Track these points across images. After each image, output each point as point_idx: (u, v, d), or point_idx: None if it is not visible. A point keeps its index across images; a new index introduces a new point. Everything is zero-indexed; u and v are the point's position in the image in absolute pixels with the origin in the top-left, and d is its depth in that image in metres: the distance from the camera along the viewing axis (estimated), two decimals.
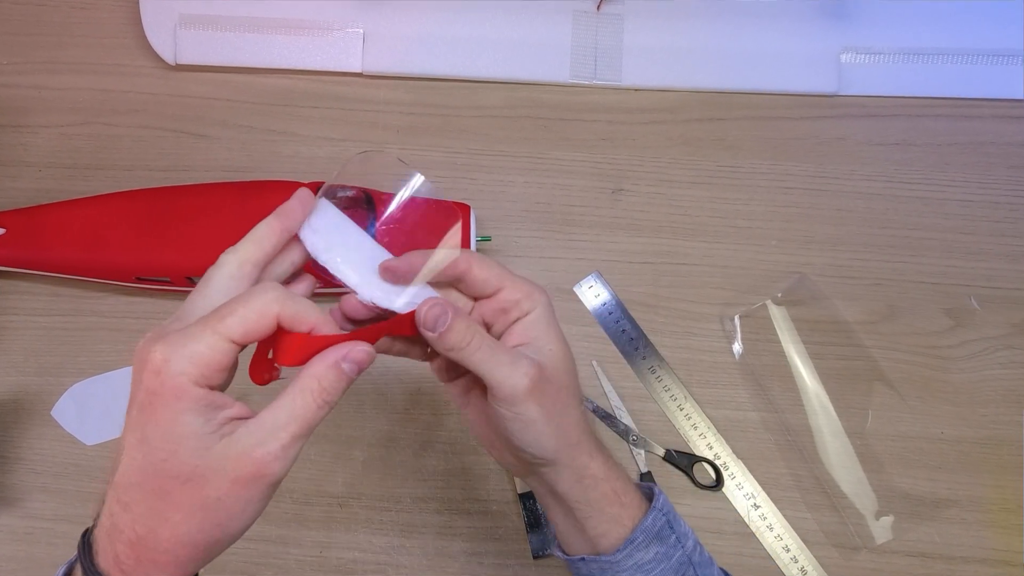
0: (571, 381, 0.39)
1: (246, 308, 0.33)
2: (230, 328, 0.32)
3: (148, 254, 0.59)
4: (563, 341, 0.40)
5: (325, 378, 0.33)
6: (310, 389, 0.33)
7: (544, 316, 0.39)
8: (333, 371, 0.34)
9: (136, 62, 0.70)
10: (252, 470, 0.32)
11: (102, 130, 0.68)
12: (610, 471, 0.40)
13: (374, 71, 0.69)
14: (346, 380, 0.34)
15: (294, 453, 0.33)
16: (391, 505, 0.59)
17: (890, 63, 0.69)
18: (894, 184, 0.67)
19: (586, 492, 0.39)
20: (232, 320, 0.32)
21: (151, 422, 0.32)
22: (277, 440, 0.32)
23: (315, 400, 0.33)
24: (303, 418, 0.33)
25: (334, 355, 0.34)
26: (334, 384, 0.34)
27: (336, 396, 0.34)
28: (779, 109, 0.69)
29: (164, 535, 0.32)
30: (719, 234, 0.65)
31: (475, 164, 0.67)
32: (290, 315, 0.34)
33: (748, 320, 0.63)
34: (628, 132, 0.68)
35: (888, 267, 0.65)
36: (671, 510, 0.41)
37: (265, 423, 0.33)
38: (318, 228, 0.39)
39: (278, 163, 0.67)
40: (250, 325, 0.33)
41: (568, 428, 0.39)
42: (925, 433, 0.61)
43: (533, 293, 0.39)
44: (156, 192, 0.61)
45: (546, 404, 0.37)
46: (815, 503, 0.59)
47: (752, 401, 0.62)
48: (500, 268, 0.39)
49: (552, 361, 0.38)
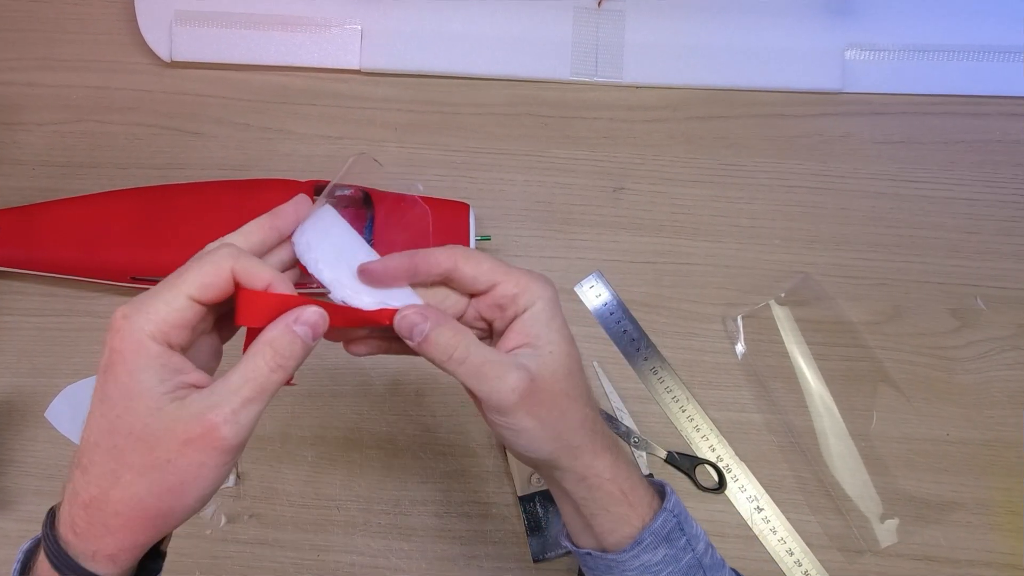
0: (573, 382, 0.38)
1: (200, 263, 0.34)
2: (186, 283, 0.33)
3: (143, 253, 0.59)
4: (566, 339, 0.38)
5: (277, 341, 0.34)
6: (262, 353, 0.33)
7: (545, 312, 0.38)
8: (286, 334, 0.34)
9: (131, 59, 0.70)
10: (201, 431, 0.32)
11: (96, 128, 0.68)
12: (618, 470, 0.39)
13: (372, 68, 0.69)
14: (300, 344, 0.34)
15: (247, 418, 0.33)
16: (389, 508, 0.59)
17: (895, 60, 0.69)
18: (899, 183, 0.67)
19: (590, 492, 0.39)
20: (188, 275, 0.33)
21: (111, 380, 0.32)
22: (228, 403, 0.32)
23: (267, 364, 0.33)
24: (255, 381, 0.33)
25: (286, 319, 0.34)
26: (287, 348, 0.34)
27: (292, 360, 0.34)
28: (782, 106, 0.69)
29: (115, 496, 0.32)
30: (722, 233, 0.65)
31: (474, 162, 0.67)
32: (243, 270, 0.34)
33: (751, 320, 0.63)
34: (629, 130, 0.68)
35: (893, 267, 0.65)
36: (683, 511, 0.41)
37: (218, 388, 0.33)
38: (308, 229, 0.39)
39: (275, 161, 0.67)
40: (206, 279, 0.33)
41: (567, 432, 0.38)
42: (930, 435, 0.61)
43: (531, 286, 0.38)
44: (151, 191, 0.61)
45: (540, 412, 0.36)
46: (819, 506, 0.59)
47: (755, 402, 0.62)
48: (493, 262, 0.38)
49: (551, 364, 0.37)
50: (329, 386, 0.62)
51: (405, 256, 0.38)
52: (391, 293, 0.38)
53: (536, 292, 0.38)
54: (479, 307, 0.39)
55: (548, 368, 0.37)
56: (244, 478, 0.59)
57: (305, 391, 0.61)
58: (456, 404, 0.61)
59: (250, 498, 0.59)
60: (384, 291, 0.38)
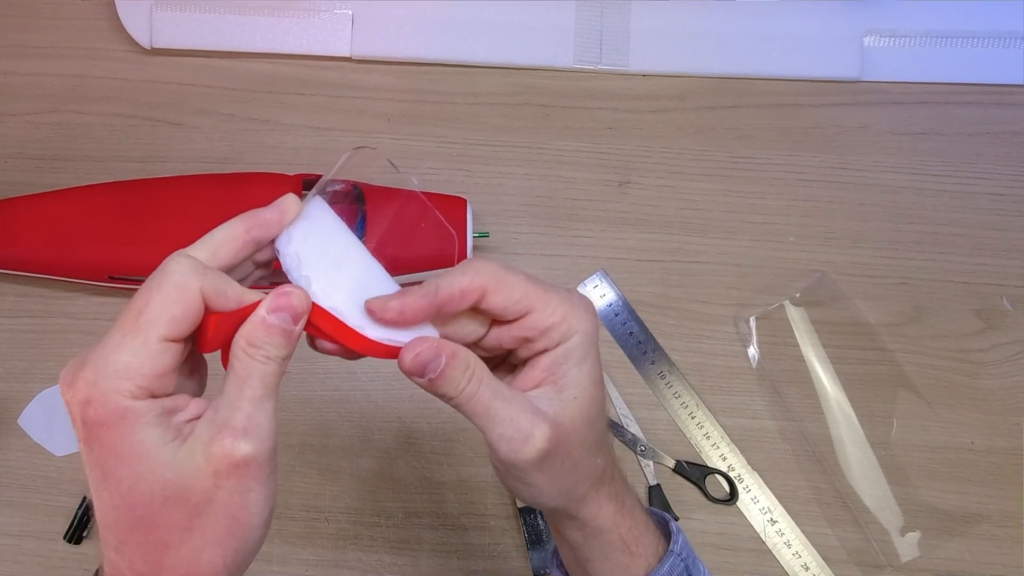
0: (592, 431, 0.36)
1: (162, 293, 0.30)
2: (151, 323, 0.29)
3: (122, 251, 0.59)
4: (595, 382, 0.35)
5: (253, 336, 0.31)
6: (243, 350, 0.31)
7: (579, 349, 0.34)
8: (260, 327, 0.31)
9: (109, 46, 0.69)
10: (226, 456, 0.30)
11: (72, 118, 0.68)
12: (620, 518, 0.38)
13: (363, 55, 0.69)
14: (279, 332, 0.31)
15: (264, 418, 0.31)
16: (382, 520, 0.59)
17: (916, 46, 0.69)
18: (920, 176, 0.67)
19: (588, 539, 0.38)
20: (151, 313, 0.29)
21: (105, 455, 0.30)
22: (238, 412, 0.30)
23: (254, 357, 0.31)
24: (252, 377, 0.31)
25: (257, 312, 0.32)
26: (265, 339, 0.31)
27: (278, 351, 0.31)
28: (797, 96, 0.69)
29: (170, 562, 0.30)
30: (733, 230, 0.65)
31: (472, 155, 0.67)
32: (213, 289, 0.31)
33: (764, 322, 0.62)
34: (635, 121, 0.68)
35: (914, 265, 0.64)
36: (690, 553, 0.40)
37: (220, 405, 0.31)
38: (297, 236, 0.34)
39: (261, 154, 0.67)
40: (174, 311, 0.30)
41: (576, 485, 0.36)
42: (954, 443, 0.60)
43: (569, 319, 0.34)
44: (130, 185, 0.61)
45: (553, 468, 0.34)
46: (836, 518, 0.59)
47: (768, 409, 0.61)
48: (526, 286, 0.34)
49: (572, 412, 0.34)
50: (318, 391, 0.62)
51: (427, 296, 0.33)
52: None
53: (574, 325, 0.34)
54: (501, 336, 0.35)
55: (569, 417, 0.34)
56: None
57: (292, 396, 0.61)
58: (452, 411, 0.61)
59: None
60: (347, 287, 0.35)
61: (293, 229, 0.35)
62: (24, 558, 0.59)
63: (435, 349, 0.33)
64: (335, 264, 0.35)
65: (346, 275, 0.35)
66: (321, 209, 0.36)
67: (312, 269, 0.34)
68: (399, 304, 0.33)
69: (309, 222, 0.35)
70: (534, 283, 0.34)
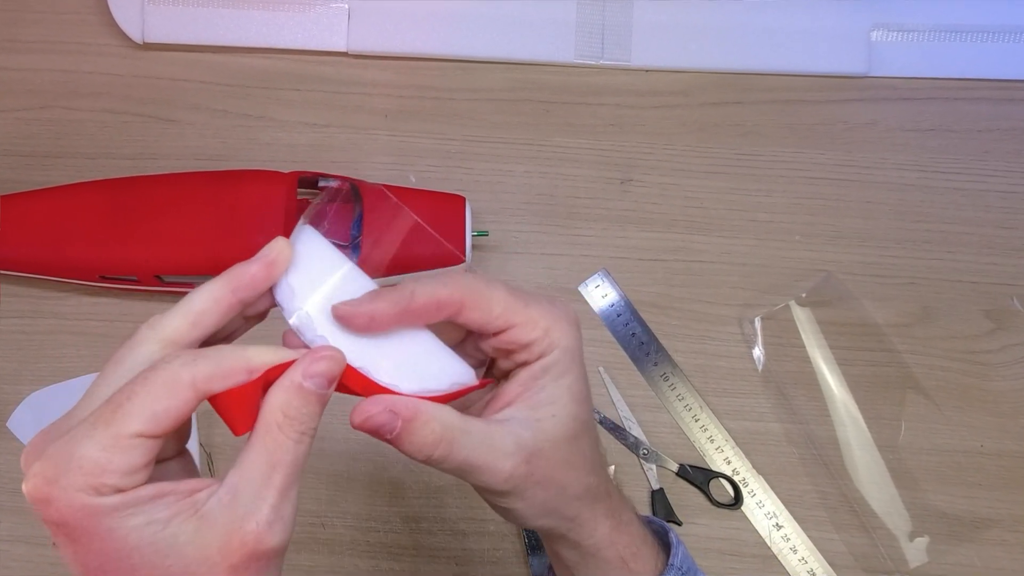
0: (577, 449, 0.34)
1: (147, 386, 0.28)
2: (130, 418, 0.27)
3: (113, 250, 0.59)
4: (576, 398, 0.34)
5: (290, 406, 0.29)
6: (277, 425, 0.29)
7: (559, 364, 0.33)
8: (297, 395, 0.29)
9: (100, 40, 0.69)
10: (248, 551, 0.28)
11: (63, 115, 0.68)
12: (618, 535, 0.37)
13: (360, 50, 0.68)
14: (316, 399, 0.30)
15: (289, 510, 0.29)
16: (378, 525, 0.59)
17: (925, 41, 0.69)
18: (929, 174, 0.67)
19: (584, 559, 0.37)
20: (131, 406, 0.27)
21: (82, 554, 0.27)
22: (264, 502, 0.28)
23: (288, 436, 0.29)
24: (284, 463, 0.29)
25: (289, 377, 0.30)
26: (302, 409, 0.29)
27: (313, 422, 0.30)
28: (803, 92, 0.68)
29: None
30: (737, 229, 0.65)
31: (470, 152, 0.67)
32: (208, 375, 0.28)
33: (770, 323, 0.62)
34: (638, 117, 0.68)
35: (922, 264, 0.64)
36: (691, 566, 0.39)
37: (241, 487, 0.28)
38: (300, 288, 0.32)
39: (255, 151, 0.66)
40: (156, 407, 0.27)
41: (564, 506, 0.35)
42: (963, 446, 0.60)
43: (551, 332, 0.33)
44: (122, 183, 0.61)
45: (535, 493, 0.34)
46: (843, 523, 0.59)
47: (774, 411, 0.61)
48: (507, 300, 0.33)
49: (551, 432, 0.33)
50: None
51: (400, 302, 0.32)
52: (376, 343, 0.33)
53: (555, 339, 0.33)
54: (481, 344, 0.35)
55: (547, 437, 0.33)
56: None
57: None
58: None
59: None
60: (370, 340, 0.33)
61: (292, 278, 0.32)
62: (14, 563, 0.59)
63: (387, 414, 0.31)
64: (331, 296, 0.33)
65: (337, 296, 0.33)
66: (316, 243, 0.34)
67: (328, 328, 0.32)
68: (369, 311, 0.32)
69: (309, 265, 0.33)
70: (515, 296, 0.33)
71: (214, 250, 0.58)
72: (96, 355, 0.62)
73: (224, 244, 0.58)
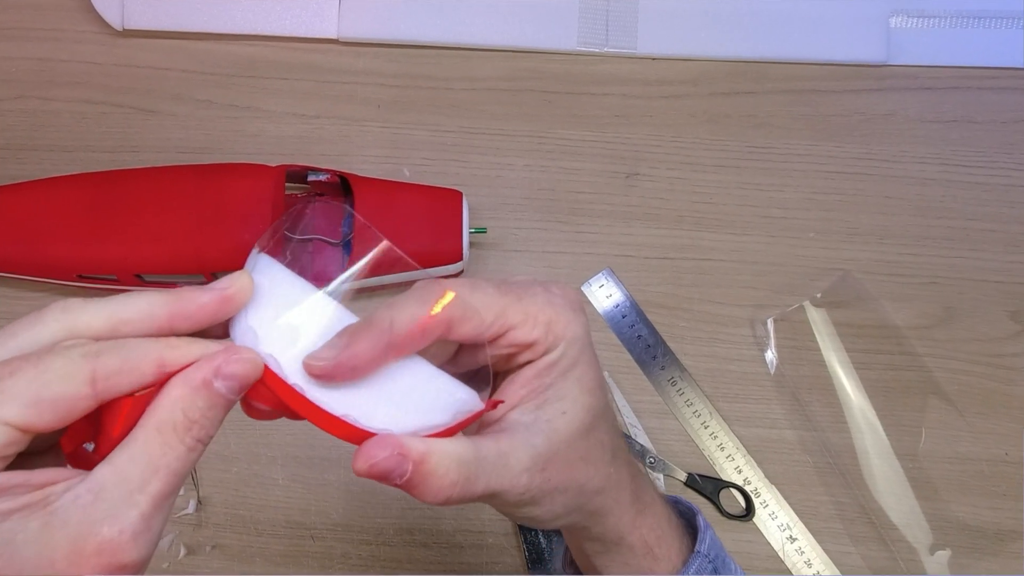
0: (593, 442, 0.34)
1: (37, 369, 0.25)
2: (8, 400, 0.25)
3: (91, 248, 0.59)
4: (589, 388, 0.33)
5: (193, 407, 0.27)
6: (172, 424, 0.26)
7: (567, 356, 0.32)
8: (203, 394, 0.27)
9: (78, 27, 0.69)
10: (103, 561, 0.25)
11: (38, 105, 0.68)
12: (643, 519, 0.37)
13: (352, 37, 0.68)
14: (223, 405, 0.27)
15: (159, 525, 0.26)
16: (372, 538, 0.59)
17: (947, 27, 0.68)
18: (951, 167, 0.67)
19: (607, 548, 0.37)
20: (13, 386, 0.25)
21: None
22: (134, 508, 0.25)
23: (182, 440, 0.27)
24: (169, 469, 0.26)
25: (201, 371, 0.27)
26: (206, 412, 0.27)
27: (213, 429, 0.27)
28: (818, 81, 0.68)
29: None
30: (749, 225, 0.65)
31: (468, 144, 0.67)
32: (113, 371, 0.26)
33: (783, 324, 0.62)
34: (644, 108, 0.68)
35: (944, 263, 0.64)
36: (720, 551, 0.39)
37: (109, 485, 0.26)
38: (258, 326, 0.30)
39: (241, 143, 0.66)
40: (45, 393, 0.25)
41: (585, 502, 0.34)
42: (987, 454, 0.60)
43: (554, 325, 0.32)
44: (100, 177, 0.61)
45: (554, 497, 0.33)
46: (860, 535, 0.59)
47: (787, 418, 0.61)
48: (499, 303, 0.32)
49: (563, 430, 0.32)
50: None
51: (381, 336, 0.29)
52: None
53: (559, 332, 0.32)
54: (478, 354, 0.33)
55: (561, 438, 0.32)
56: (206, 503, 0.59)
57: None
58: None
59: (212, 526, 0.59)
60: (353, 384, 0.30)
61: (253, 319, 0.30)
62: None
63: (395, 458, 0.29)
64: (300, 334, 0.30)
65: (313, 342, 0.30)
66: (278, 275, 0.31)
67: (301, 376, 0.29)
68: (348, 360, 0.29)
69: (271, 302, 0.30)
70: (506, 294, 0.32)
71: (197, 248, 0.58)
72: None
73: (208, 242, 0.58)
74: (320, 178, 0.62)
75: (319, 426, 0.30)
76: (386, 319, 0.29)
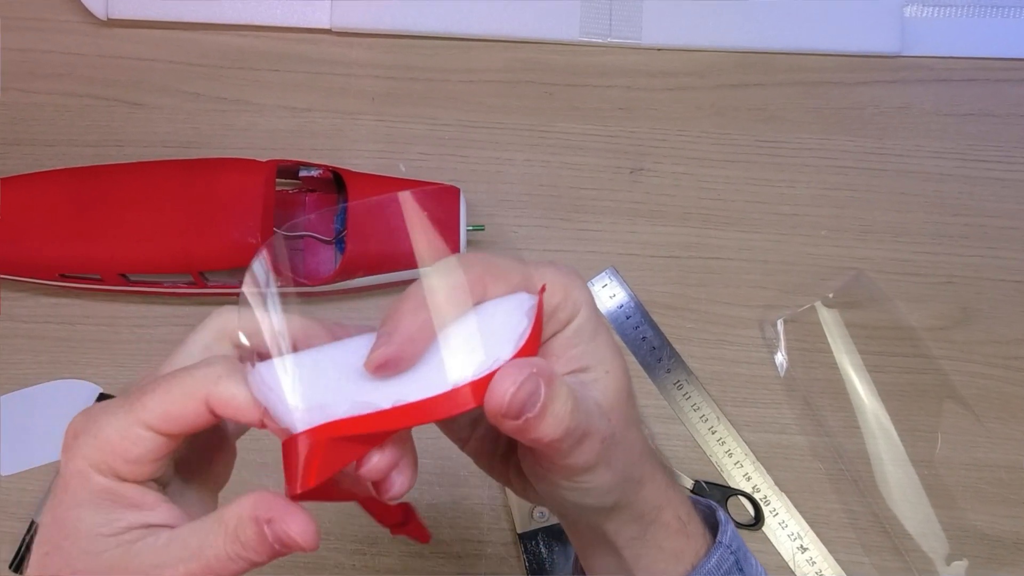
0: (632, 404, 0.35)
1: (170, 386, 0.30)
2: (147, 410, 0.30)
3: (74, 247, 0.58)
4: (615, 352, 0.34)
5: (242, 530, 0.29)
6: (225, 528, 0.29)
7: (590, 322, 0.33)
8: (252, 527, 0.29)
9: (60, 16, 0.69)
10: None
11: (19, 98, 0.68)
12: (673, 492, 0.37)
13: (345, 27, 0.68)
14: (268, 549, 0.29)
15: None
16: (365, 547, 0.59)
17: (964, 17, 0.68)
18: (968, 162, 0.67)
19: (644, 529, 0.37)
20: (151, 401, 0.30)
21: (53, 508, 0.30)
22: (176, 571, 0.29)
23: (226, 547, 0.29)
24: (208, 562, 0.29)
25: (260, 508, 0.29)
26: (251, 541, 0.29)
27: (257, 556, 0.29)
28: (830, 73, 0.68)
29: None
30: (758, 223, 0.65)
31: (466, 138, 0.67)
32: (222, 400, 0.29)
33: (794, 326, 0.62)
34: (649, 100, 0.68)
35: (961, 262, 0.64)
36: (741, 545, 0.39)
37: (174, 545, 0.29)
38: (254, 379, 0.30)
39: (230, 137, 0.66)
40: (171, 408, 0.30)
41: (631, 468, 0.35)
42: (1006, 461, 0.60)
43: (572, 291, 0.33)
44: (84, 172, 0.61)
45: (615, 458, 0.33)
46: (873, 545, 0.59)
47: (798, 423, 0.61)
48: (522, 270, 0.32)
49: (612, 389, 0.33)
50: None
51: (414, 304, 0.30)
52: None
53: (578, 298, 0.33)
54: None
55: (612, 393, 0.33)
56: None
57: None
58: None
59: None
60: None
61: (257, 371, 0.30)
62: None
63: (532, 380, 0.28)
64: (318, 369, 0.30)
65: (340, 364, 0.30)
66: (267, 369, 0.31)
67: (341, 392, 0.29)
68: (404, 332, 0.29)
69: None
70: (523, 262, 0.33)
71: (184, 246, 0.58)
72: (56, 361, 0.62)
73: (195, 240, 0.57)
74: (312, 173, 0.62)
75: (427, 420, 0.29)
76: (417, 289, 0.31)
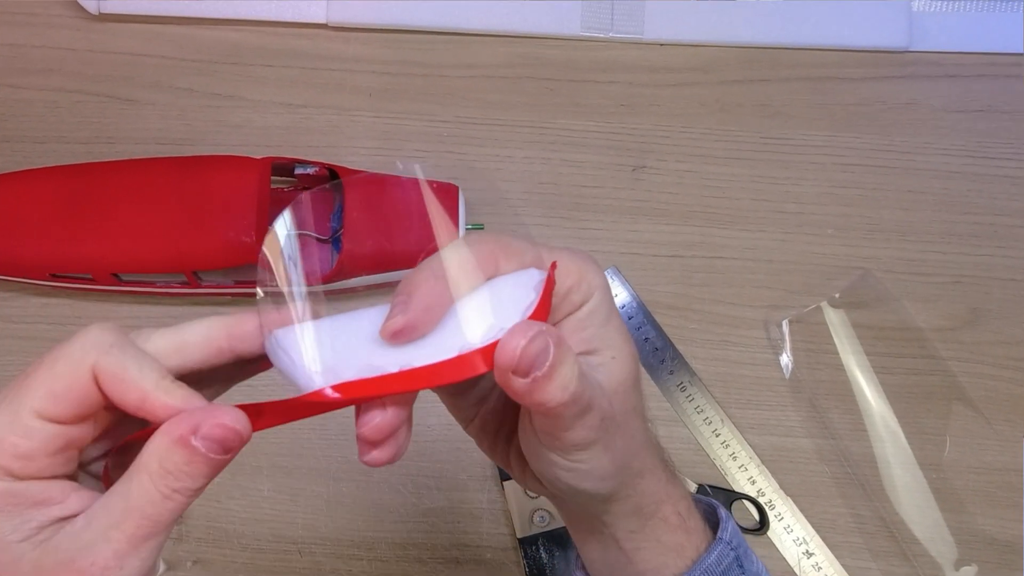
0: (639, 392, 0.35)
1: (53, 361, 0.28)
2: (27, 394, 0.28)
3: (65, 246, 0.58)
4: (626, 338, 0.34)
5: (168, 459, 0.28)
6: (148, 470, 0.28)
7: (603, 307, 0.34)
8: (179, 449, 0.28)
9: (51, 11, 0.69)
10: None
11: (9, 94, 0.68)
12: (673, 488, 0.38)
13: (341, 21, 0.68)
14: (203, 462, 0.28)
15: (139, 562, 0.28)
16: (363, 552, 0.59)
17: (973, 11, 0.69)
18: (977, 160, 0.67)
19: (644, 522, 0.37)
20: (34, 381, 0.28)
21: None
22: (108, 543, 0.27)
23: (157, 486, 0.28)
24: (142, 512, 0.28)
25: (179, 428, 0.28)
26: (182, 467, 0.28)
27: (193, 482, 0.28)
28: (837, 68, 0.68)
29: None
30: (763, 221, 0.65)
31: (465, 135, 0.67)
32: (110, 372, 0.28)
33: (799, 326, 0.62)
34: (652, 96, 0.68)
35: (970, 261, 0.64)
36: (742, 542, 0.40)
37: (94, 520, 0.28)
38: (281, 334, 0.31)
39: (224, 134, 0.66)
40: (56, 385, 0.28)
41: (632, 457, 0.35)
42: (1015, 464, 0.60)
43: (586, 274, 0.33)
44: (75, 170, 0.61)
45: (615, 442, 0.34)
46: (881, 550, 0.59)
47: (804, 425, 0.61)
48: (534, 250, 0.33)
49: (618, 375, 0.33)
50: None
51: (430, 274, 0.31)
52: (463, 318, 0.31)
53: (592, 282, 0.33)
54: None
55: (617, 379, 0.34)
56: (187, 517, 0.59)
57: None
58: (443, 427, 0.61)
59: (194, 540, 0.59)
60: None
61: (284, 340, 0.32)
62: None
63: (541, 338, 0.29)
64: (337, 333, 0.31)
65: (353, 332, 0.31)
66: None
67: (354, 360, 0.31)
68: (419, 301, 0.30)
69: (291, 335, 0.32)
70: (536, 244, 0.33)
71: (177, 246, 0.58)
72: None
73: (189, 239, 0.58)
74: (308, 171, 0.62)
75: (436, 384, 0.30)
76: (432, 262, 0.31)
